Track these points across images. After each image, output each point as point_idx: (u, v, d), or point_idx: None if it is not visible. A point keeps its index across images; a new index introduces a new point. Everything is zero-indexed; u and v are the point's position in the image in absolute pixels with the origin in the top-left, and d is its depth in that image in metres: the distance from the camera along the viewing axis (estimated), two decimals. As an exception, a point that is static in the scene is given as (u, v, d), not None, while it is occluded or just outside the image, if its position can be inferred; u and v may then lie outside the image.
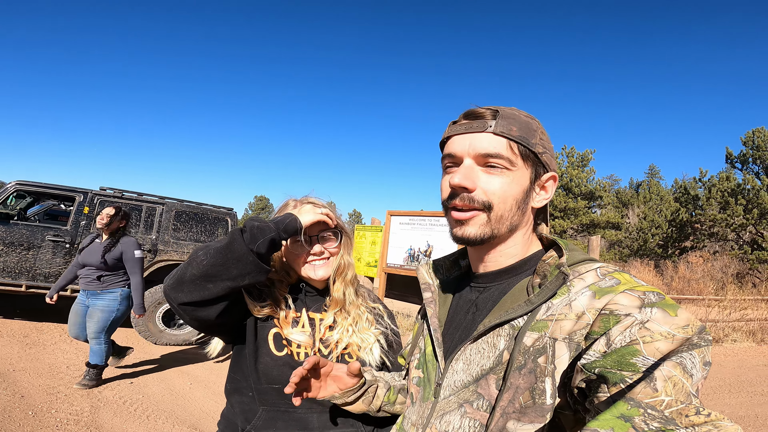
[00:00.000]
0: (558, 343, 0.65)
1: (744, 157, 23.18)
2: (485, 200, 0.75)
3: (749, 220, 20.55)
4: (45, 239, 5.68)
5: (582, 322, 0.64)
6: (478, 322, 0.78)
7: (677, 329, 0.58)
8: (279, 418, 1.15)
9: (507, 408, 0.67)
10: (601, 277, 0.69)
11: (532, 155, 0.76)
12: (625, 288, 0.64)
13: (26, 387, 3.94)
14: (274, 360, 1.15)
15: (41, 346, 5.16)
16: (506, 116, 0.76)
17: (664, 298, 0.62)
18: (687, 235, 24.26)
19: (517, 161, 0.75)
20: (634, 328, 0.59)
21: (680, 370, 0.55)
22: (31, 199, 6.82)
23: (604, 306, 0.63)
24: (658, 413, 0.53)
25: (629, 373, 0.56)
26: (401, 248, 8.50)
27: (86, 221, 5.90)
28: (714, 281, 17.97)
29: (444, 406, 0.76)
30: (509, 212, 0.76)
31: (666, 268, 21.23)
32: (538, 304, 0.69)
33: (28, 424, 3.28)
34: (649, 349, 0.57)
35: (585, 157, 26.22)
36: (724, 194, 21.57)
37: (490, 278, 0.82)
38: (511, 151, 0.75)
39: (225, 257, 1.01)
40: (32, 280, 5.62)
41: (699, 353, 0.57)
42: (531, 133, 0.76)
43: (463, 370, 0.75)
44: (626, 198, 35.55)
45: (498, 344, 0.71)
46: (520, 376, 0.67)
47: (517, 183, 0.76)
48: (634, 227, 27.11)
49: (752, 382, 6.29)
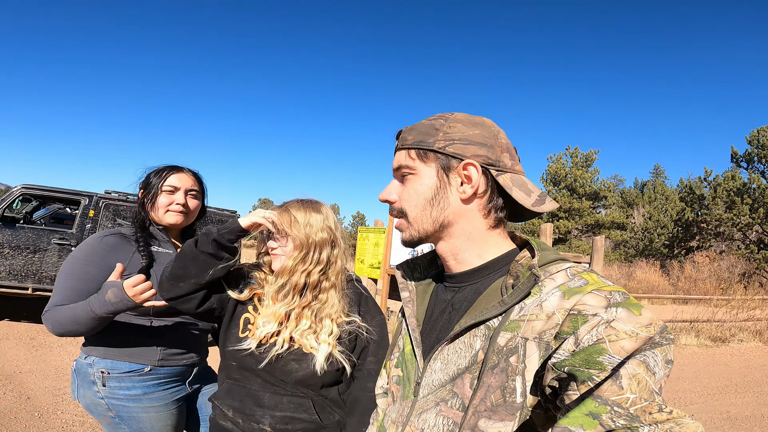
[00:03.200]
0: (529, 342, 0.67)
1: (749, 156, 23.04)
2: (399, 207, 0.84)
3: (755, 219, 20.42)
4: (51, 242, 5.73)
5: (552, 322, 0.66)
6: (454, 322, 0.79)
7: (641, 328, 0.60)
8: (236, 391, 1.32)
9: (479, 406, 0.69)
10: (570, 277, 0.70)
11: (431, 153, 0.79)
12: (593, 288, 0.66)
13: (32, 389, 3.98)
14: (237, 340, 1.32)
15: (47, 348, 5.21)
16: (408, 130, 0.83)
17: (629, 297, 0.65)
18: (693, 234, 24.12)
19: (416, 164, 0.80)
20: (600, 327, 0.61)
21: (644, 368, 0.57)
22: (37, 202, 6.89)
23: (573, 306, 0.65)
24: (623, 410, 0.55)
25: (597, 372, 0.58)
26: (404, 250, 8.51)
27: (91, 224, 5.95)
28: (720, 281, 17.86)
29: (423, 405, 0.78)
30: (422, 212, 0.80)
31: (672, 268, 21.13)
32: (512, 305, 0.70)
33: (34, 425, 3.31)
34: (615, 348, 0.59)
35: (589, 158, 26.15)
36: (730, 193, 21.45)
37: (462, 278, 0.83)
38: (409, 158, 0.81)
39: (183, 260, 1.26)
40: (38, 283, 5.67)
41: (661, 351, 0.59)
42: (430, 133, 0.79)
43: (440, 369, 0.76)
44: (631, 198, 35.41)
45: (474, 344, 0.73)
46: (492, 375, 0.69)
47: (421, 184, 0.80)
48: (640, 227, 27.02)
49: (759, 382, 6.25)
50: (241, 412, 1.29)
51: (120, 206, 6.15)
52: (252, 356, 1.28)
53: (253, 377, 1.31)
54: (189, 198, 1.69)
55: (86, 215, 5.95)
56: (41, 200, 6.73)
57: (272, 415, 1.27)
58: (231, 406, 1.30)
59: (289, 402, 1.29)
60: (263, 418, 1.27)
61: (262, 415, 1.27)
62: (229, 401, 1.31)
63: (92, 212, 5.99)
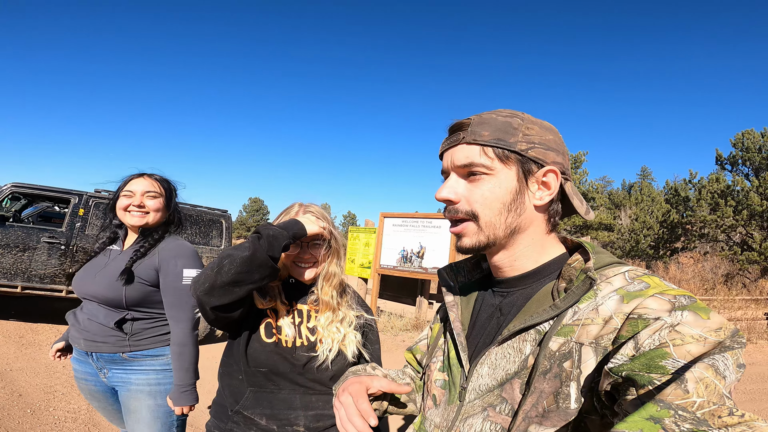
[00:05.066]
0: (584, 347, 0.65)
1: (734, 159, 23.43)
2: (469, 209, 0.76)
3: (739, 221, 20.79)
4: (40, 241, 5.73)
5: (609, 327, 0.64)
6: (502, 326, 0.77)
7: (709, 332, 0.57)
8: (265, 398, 1.30)
9: (530, 412, 0.67)
10: (629, 281, 0.67)
11: (513, 154, 0.75)
12: (655, 292, 0.63)
13: (24, 386, 4.00)
14: (262, 345, 1.30)
15: (37, 347, 5.21)
16: (479, 122, 0.77)
17: (696, 301, 0.61)
18: (678, 236, 24.50)
19: (494, 164, 0.75)
20: (663, 331, 0.58)
21: (713, 371, 0.53)
22: (26, 201, 6.85)
23: (633, 310, 0.62)
24: (689, 414, 0.51)
25: (658, 375, 0.55)
26: (394, 249, 8.60)
27: (81, 223, 5.95)
28: (704, 282, 18.18)
29: (468, 410, 0.76)
30: (498, 216, 0.75)
31: (657, 269, 21.47)
32: (564, 309, 0.68)
33: (26, 422, 3.35)
34: (680, 352, 0.56)
35: (578, 159, 26.41)
36: (714, 195, 21.81)
37: (513, 283, 0.80)
38: (486, 156, 0.75)
39: (250, 265, 1.16)
40: (27, 282, 5.66)
41: (732, 355, 0.55)
42: (509, 132, 0.75)
43: (488, 374, 0.75)
44: (619, 199, 35.81)
45: (524, 349, 0.71)
46: (544, 381, 0.67)
47: (499, 186, 0.75)
48: (626, 228, 27.34)
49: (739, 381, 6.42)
50: (275, 419, 1.29)
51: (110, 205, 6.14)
52: (285, 360, 1.30)
53: (283, 381, 1.31)
54: (146, 198, 1.82)
55: (76, 214, 5.96)
56: (31, 198, 6.71)
57: (305, 415, 1.30)
58: (263, 414, 1.29)
59: (318, 400, 1.32)
60: (297, 419, 1.29)
61: (296, 417, 1.29)
62: (260, 410, 1.29)
63: (82, 211, 5.99)
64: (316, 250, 1.38)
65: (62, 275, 5.78)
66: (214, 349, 6.30)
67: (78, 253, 5.85)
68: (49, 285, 5.73)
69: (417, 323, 8.40)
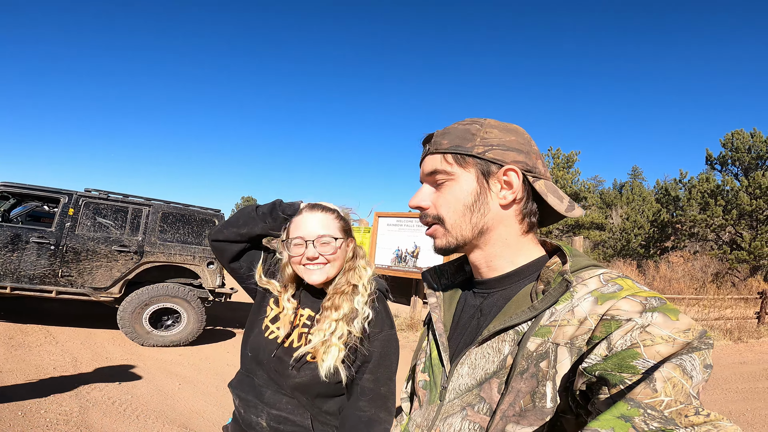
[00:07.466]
0: (560, 347, 0.67)
1: (723, 159, 23.72)
2: (435, 214, 0.81)
3: (728, 220, 21.04)
4: (30, 241, 5.65)
5: (584, 328, 0.66)
6: (483, 327, 0.79)
7: (678, 333, 0.59)
8: (245, 383, 1.37)
9: (507, 411, 0.69)
10: (603, 283, 0.69)
11: (470, 158, 0.78)
12: (627, 294, 0.65)
13: (14, 388, 3.94)
14: (258, 332, 1.36)
15: (27, 348, 5.14)
16: (441, 134, 0.82)
17: (666, 303, 0.63)
18: (668, 235, 24.77)
19: (454, 169, 0.79)
20: (635, 331, 0.60)
21: (680, 371, 0.55)
22: (15, 200, 6.75)
23: (606, 311, 0.64)
24: (657, 413, 0.53)
25: (629, 375, 0.57)
26: (389, 249, 8.60)
27: (71, 223, 5.87)
28: (694, 281, 18.37)
29: (448, 409, 0.78)
30: (462, 218, 0.79)
31: (648, 268, 21.65)
32: (542, 310, 0.70)
33: (18, 424, 3.30)
34: (650, 352, 0.58)
35: (570, 159, 26.58)
36: (704, 195, 22.07)
37: (492, 284, 0.83)
38: (446, 162, 0.79)
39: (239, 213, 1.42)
40: (17, 282, 5.57)
41: (699, 356, 0.57)
42: (467, 138, 0.79)
43: (468, 374, 0.77)
44: (610, 199, 36.05)
45: (503, 349, 0.73)
46: (522, 380, 0.69)
47: (460, 189, 0.79)
48: (618, 228, 27.57)
49: (727, 380, 6.49)
50: (245, 403, 1.33)
51: (100, 204, 6.08)
52: (266, 349, 1.31)
53: (260, 371, 1.33)
54: None
55: (66, 213, 5.88)
56: (20, 198, 6.61)
57: (269, 412, 1.28)
58: (238, 396, 1.36)
59: (288, 403, 1.29)
60: (261, 413, 1.29)
61: (261, 410, 1.30)
62: (238, 390, 1.37)
63: (72, 210, 5.91)
64: (324, 248, 1.27)
65: (52, 275, 5.70)
66: (209, 349, 6.26)
67: (68, 254, 5.77)
68: (38, 285, 5.65)
69: (412, 323, 8.40)
